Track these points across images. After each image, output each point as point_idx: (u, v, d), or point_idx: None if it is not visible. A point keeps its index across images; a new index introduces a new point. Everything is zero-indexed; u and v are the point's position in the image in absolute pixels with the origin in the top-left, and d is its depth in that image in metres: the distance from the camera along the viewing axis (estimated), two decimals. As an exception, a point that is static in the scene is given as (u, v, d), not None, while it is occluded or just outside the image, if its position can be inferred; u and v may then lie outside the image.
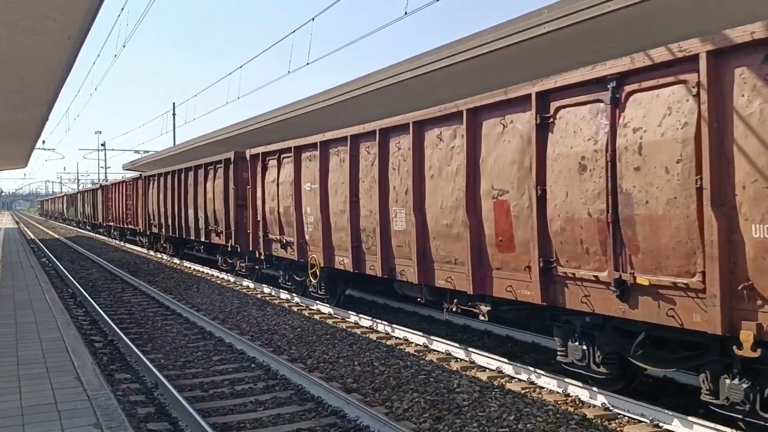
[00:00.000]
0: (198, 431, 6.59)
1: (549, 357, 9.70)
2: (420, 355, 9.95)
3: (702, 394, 6.53)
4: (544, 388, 8.17)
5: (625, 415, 7.14)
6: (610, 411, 7.26)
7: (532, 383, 8.37)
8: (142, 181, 30.39)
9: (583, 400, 7.67)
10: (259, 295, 16.50)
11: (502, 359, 9.14)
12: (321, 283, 13.74)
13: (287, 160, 14.86)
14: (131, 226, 33.69)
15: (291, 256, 14.65)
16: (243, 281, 18.61)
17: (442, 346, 10.22)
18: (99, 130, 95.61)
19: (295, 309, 14.36)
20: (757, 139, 5.67)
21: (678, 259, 6.29)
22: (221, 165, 19.46)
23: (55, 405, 6.43)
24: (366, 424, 6.74)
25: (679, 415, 6.74)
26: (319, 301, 14.23)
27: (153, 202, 28.22)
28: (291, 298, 15.47)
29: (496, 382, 8.45)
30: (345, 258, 12.35)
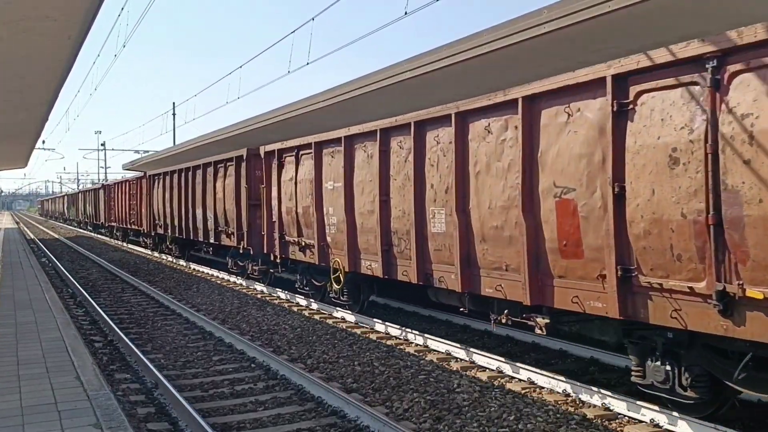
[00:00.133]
0: (198, 431, 6.59)
1: (549, 357, 9.71)
2: (420, 355, 9.95)
3: None
4: (544, 388, 8.17)
5: (625, 415, 7.14)
6: (611, 411, 7.26)
7: (532, 383, 8.37)
8: (147, 180, 29.54)
9: (583, 400, 7.66)
10: (259, 295, 16.50)
11: (503, 359, 9.13)
12: (344, 289, 12.80)
13: (306, 157, 13.91)
14: (135, 227, 32.81)
15: (310, 260, 13.74)
16: (255, 285, 17.84)
17: (442, 346, 10.22)
18: (99, 130, 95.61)
19: (295, 309, 14.35)
20: None
21: None
22: (232, 163, 18.58)
23: (55, 405, 6.43)
24: (366, 424, 6.74)
25: (679, 415, 6.74)
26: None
27: (158, 202, 27.42)
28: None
29: (496, 382, 8.45)
30: (373, 262, 11.40)
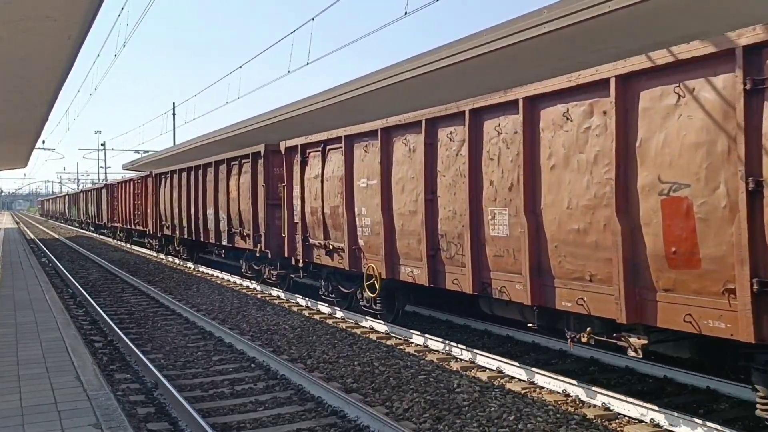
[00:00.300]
0: (198, 431, 6.59)
1: (549, 357, 9.71)
2: (420, 355, 9.95)
3: None
4: (544, 388, 8.17)
5: (625, 415, 7.14)
6: (611, 411, 7.25)
7: (532, 383, 8.37)
8: (152, 179, 28.23)
9: (583, 400, 7.66)
10: (259, 295, 16.50)
11: (502, 359, 9.13)
12: (378, 297, 11.67)
13: (334, 152, 12.71)
14: (139, 227, 31.33)
15: (339, 265, 12.59)
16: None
17: (442, 346, 10.22)
18: (99, 130, 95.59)
19: (294, 309, 14.35)
20: None
21: None
22: (248, 160, 17.23)
23: (55, 405, 6.43)
24: (366, 424, 6.74)
25: (679, 415, 6.74)
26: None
27: (165, 202, 26.13)
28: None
29: (496, 382, 8.45)
30: (416, 269, 10.30)
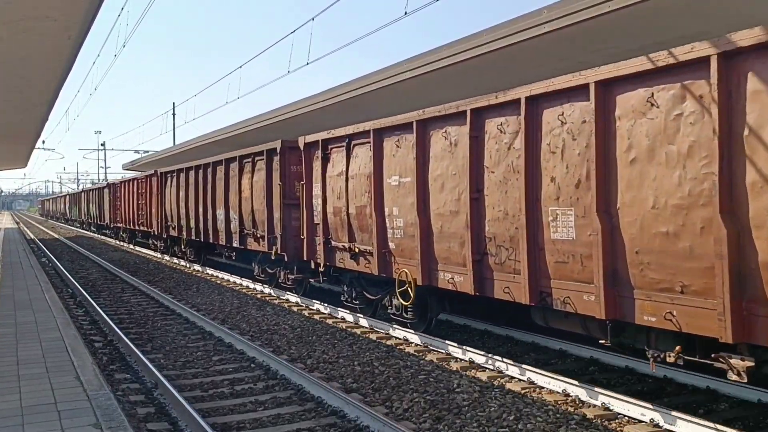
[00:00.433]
0: (198, 431, 6.59)
1: (549, 357, 9.71)
2: (420, 355, 9.95)
3: None
4: (543, 388, 8.16)
5: (625, 415, 7.14)
6: (610, 411, 7.25)
7: (532, 383, 8.37)
8: (157, 178, 27.17)
9: (582, 399, 7.66)
10: (259, 296, 16.50)
11: (502, 359, 9.13)
12: (411, 305, 10.73)
13: (361, 148, 11.84)
14: (143, 228, 30.23)
15: (366, 270, 11.75)
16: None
17: (442, 345, 10.22)
18: (99, 130, 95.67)
19: (294, 309, 14.35)
20: None
21: None
22: (262, 157, 16.27)
23: (54, 405, 6.43)
24: (366, 424, 6.74)
25: (679, 415, 6.74)
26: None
27: (171, 202, 25.17)
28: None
29: (495, 382, 8.45)
30: (457, 275, 9.47)
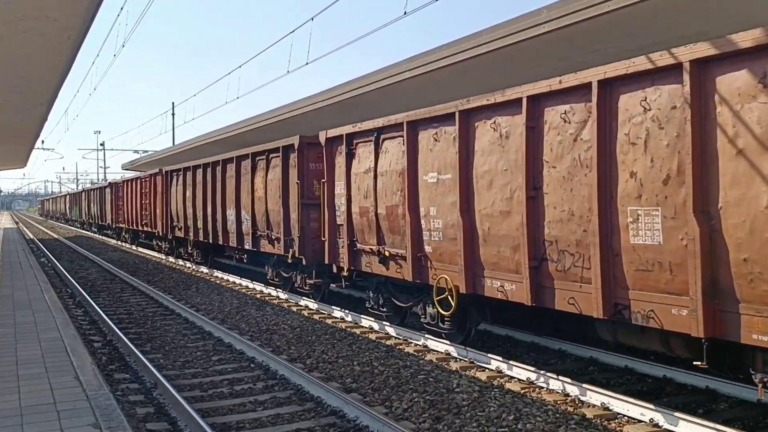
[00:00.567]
0: (197, 431, 6.59)
1: (548, 357, 9.71)
2: (419, 354, 9.95)
3: None
4: (543, 388, 8.17)
5: (624, 415, 7.14)
6: (610, 411, 7.25)
7: (531, 383, 8.37)
8: (162, 176, 26.19)
9: (582, 399, 7.66)
10: (258, 295, 16.50)
11: (502, 359, 9.13)
12: (452, 314, 9.69)
13: (392, 142, 10.91)
14: (147, 229, 29.07)
15: (397, 275, 10.81)
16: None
17: (442, 346, 10.22)
18: (98, 130, 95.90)
19: (294, 309, 14.35)
20: None
21: None
22: (277, 154, 15.42)
23: (54, 405, 6.43)
24: (365, 424, 6.74)
25: (678, 414, 6.74)
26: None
27: (177, 201, 24.20)
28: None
29: (495, 382, 8.45)
30: (508, 283, 8.49)
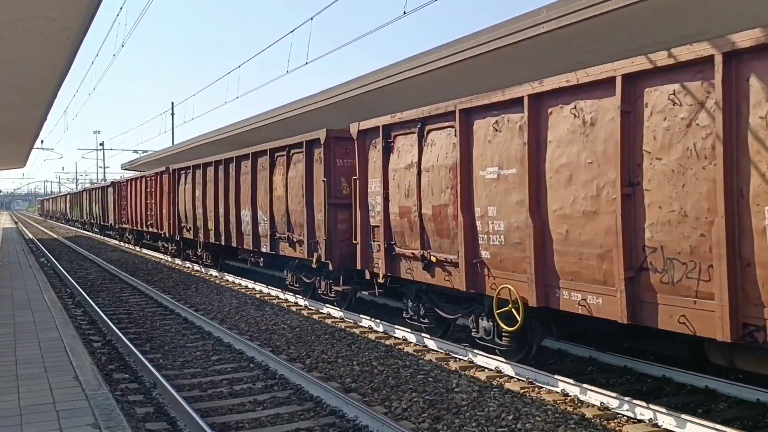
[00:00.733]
0: (197, 431, 6.59)
1: (548, 357, 9.70)
2: (419, 354, 9.94)
3: None
4: (542, 388, 8.17)
5: (624, 415, 7.14)
6: (609, 410, 7.25)
7: (531, 383, 8.37)
8: (169, 175, 25.09)
9: (581, 399, 7.66)
10: (258, 295, 16.49)
11: (501, 359, 9.13)
12: (516, 330, 8.48)
13: (440, 133, 9.76)
14: (153, 230, 27.85)
15: (445, 283, 9.71)
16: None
17: (441, 345, 10.22)
18: (97, 130, 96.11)
19: (293, 309, 14.34)
20: None
21: None
22: (300, 150, 14.22)
23: (53, 405, 6.43)
24: (365, 424, 6.74)
25: (678, 414, 6.74)
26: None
27: (185, 201, 23.06)
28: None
29: (494, 382, 8.45)
30: (594, 296, 7.31)
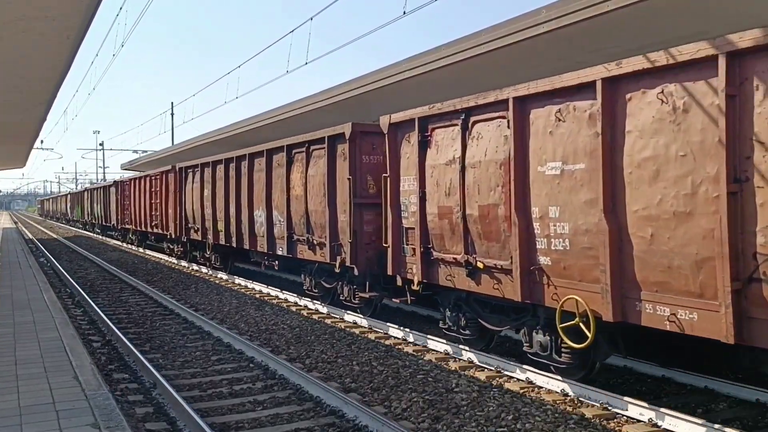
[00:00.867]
0: (196, 431, 6.59)
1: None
2: (419, 354, 9.94)
3: None
4: (542, 388, 8.16)
5: (623, 415, 7.14)
6: (609, 410, 7.25)
7: (530, 383, 8.37)
8: (176, 174, 24.23)
9: (581, 399, 7.66)
10: (257, 295, 16.49)
11: (501, 359, 9.13)
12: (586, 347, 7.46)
13: (488, 125, 8.79)
14: (157, 230, 27.00)
15: (494, 292, 8.72)
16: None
17: (441, 345, 10.21)
18: (97, 130, 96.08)
19: (293, 309, 14.34)
20: None
21: None
22: (321, 146, 13.39)
23: (53, 405, 6.42)
24: (364, 424, 6.74)
25: (677, 414, 6.74)
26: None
27: (193, 201, 22.25)
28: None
29: (494, 382, 8.44)
30: (686, 310, 6.36)
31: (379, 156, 11.88)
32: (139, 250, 32.17)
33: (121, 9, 16.31)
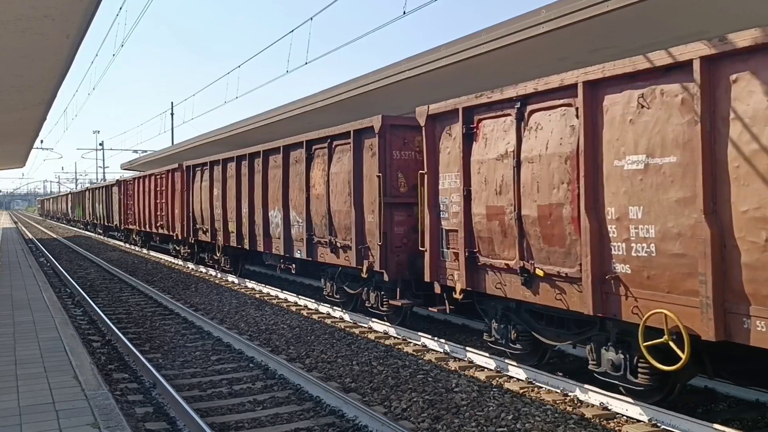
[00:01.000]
0: (196, 431, 6.59)
1: (547, 357, 9.69)
2: (418, 354, 9.94)
3: None
4: (542, 388, 8.17)
5: (623, 415, 7.14)
6: (609, 410, 7.25)
7: (530, 383, 8.37)
8: (182, 172, 23.40)
9: (581, 399, 7.66)
10: (257, 295, 16.49)
11: (501, 359, 9.13)
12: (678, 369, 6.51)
13: (548, 115, 7.83)
14: (163, 231, 26.11)
15: (557, 303, 7.75)
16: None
17: (441, 345, 10.21)
18: (97, 130, 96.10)
19: (293, 309, 14.34)
20: None
21: None
22: (346, 141, 12.48)
23: (52, 405, 6.42)
24: (364, 424, 6.74)
25: (677, 414, 6.74)
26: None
27: (201, 201, 21.42)
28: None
29: (494, 382, 8.45)
30: None
31: (411, 151, 11.26)
32: (141, 250, 32.16)
33: (120, 9, 16.30)
